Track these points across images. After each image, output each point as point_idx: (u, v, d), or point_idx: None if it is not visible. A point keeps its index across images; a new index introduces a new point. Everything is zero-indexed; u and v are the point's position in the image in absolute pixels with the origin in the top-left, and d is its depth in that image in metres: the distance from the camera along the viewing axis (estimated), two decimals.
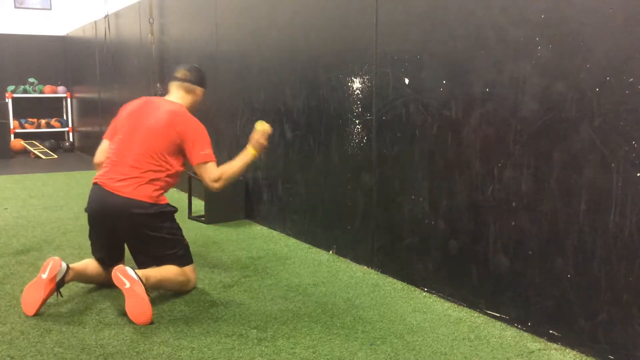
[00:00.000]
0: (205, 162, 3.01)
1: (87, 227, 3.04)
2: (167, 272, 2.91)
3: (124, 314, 2.75)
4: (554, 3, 2.37)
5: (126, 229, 2.92)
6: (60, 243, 4.03)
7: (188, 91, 3.20)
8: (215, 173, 3.02)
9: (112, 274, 2.68)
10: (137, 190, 2.88)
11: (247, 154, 3.14)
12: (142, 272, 2.75)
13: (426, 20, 2.97)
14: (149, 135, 2.97)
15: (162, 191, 2.98)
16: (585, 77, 2.27)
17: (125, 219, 2.87)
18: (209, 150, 3.03)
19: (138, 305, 2.62)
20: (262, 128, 3.15)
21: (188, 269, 3.02)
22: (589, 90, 2.26)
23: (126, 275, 2.65)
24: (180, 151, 3.02)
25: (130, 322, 2.66)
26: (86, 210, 3.00)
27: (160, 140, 2.97)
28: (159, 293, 2.97)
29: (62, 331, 2.57)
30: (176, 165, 3.03)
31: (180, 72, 3.22)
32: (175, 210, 3.03)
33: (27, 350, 2.38)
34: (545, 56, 2.41)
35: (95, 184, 2.97)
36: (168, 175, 3.00)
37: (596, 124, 2.24)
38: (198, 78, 3.23)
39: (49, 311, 2.76)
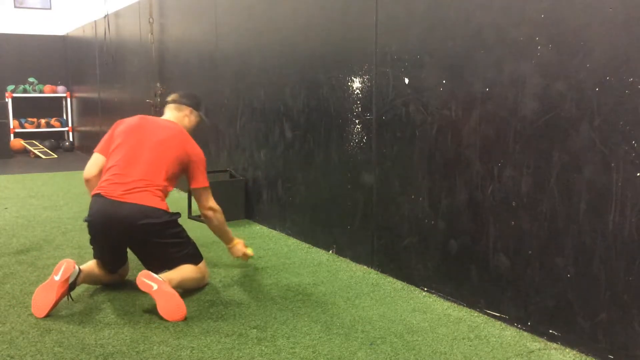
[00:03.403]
0: (207, 188, 3.18)
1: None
2: (185, 271, 2.96)
3: (124, 313, 2.76)
4: (554, 3, 2.37)
5: (136, 239, 2.94)
6: (60, 243, 4.02)
7: (179, 110, 3.31)
8: (214, 203, 3.22)
9: (137, 280, 2.70)
10: (145, 198, 2.89)
11: (231, 245, 3.40)
12: (164, 275, 2.80)
13: (426, 20, 2.97)
14: (159, 150, 3.01)
15: (164, 201, 3.01)
16: (585, 76, 2.27)
17: (134, 230, 2.86)
18: (206, 176, 3.21)
19: (171, 303, 2.65)
20: (248, 254, 3.45)
21: (201, 264, 3.09)
22: (589, 90, 2.26)
23: (151, 279, 2.69)
24: (181, 170, 3.10)
25: (130, 321, 2.66)
26: (87, 220, 2.97)
27: (170, 155, 3.03)
28: None
29: (61, 331, 2.57)
30: (173, 183, 3.09)
31: (172, 96, 3.37)
32: (179, 215, 3.08)
33: (26, 350, 2.38)
34: (545, 56, 2.41)
35: (97, 195, 2.93)
36: (168, 190, 3.05)
37: (596, 124, 2.24)
38: (188, 99, 3.35)
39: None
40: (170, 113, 3.30)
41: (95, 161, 3.13)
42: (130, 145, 3.02)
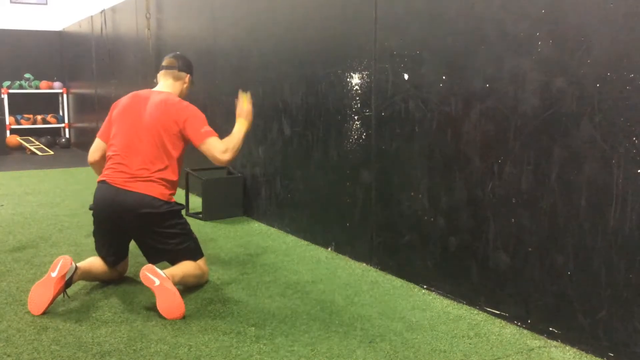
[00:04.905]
0: (209, 138, 3.01)
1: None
2: (186, 267, 2.95)
3: (121, 311, 2.74)
4: None
5: (137, 228, 2.94)
6: (56, 240, 4.00)
7: (176, 78, 3.21)
8: (221, 146, 3.01)
9: (141, 274, 2.70)
10: (149, 188, 2.90)
11: (242, 126, 3.15)
12: (167, 271, 2.79)
13: (426, 15, 2.95)
14: (149, 133, 2.97)
15: (172, 191, 3.00)
16: (586, 72, 2.25)
17: (137, 218, 2.88)
18: (207, 127, 3.04)
19: (170, 301, 2.64)
20: (244, 98, 3.21)
21: (201, 261, 3.08)
22: (590, 86, 2.24)
23: (155, 274, 2.68)
24: (180, 138, 3.03)
25: (128, 319, 2.65)
26: (92, 208, 3.00)
27: (160, 133, 2.98)
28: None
29: (58, 329, 2.55)
30: (178, 154, 3.02)
31: (167, 60, 3.24)
32: (183, 207, 3.07)
33: (23, 348, 2.37)
34: (546, 52, 2.39)
35: (103, 181, 2.96)
36: (173, 169, 3.00)
37: (597, 120, 2.23)
38: (185, 65, 3.24)
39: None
40: (166, 82, 3.19)
41: (97, 146, 3.16)
42: (125, 131, 3.01)
